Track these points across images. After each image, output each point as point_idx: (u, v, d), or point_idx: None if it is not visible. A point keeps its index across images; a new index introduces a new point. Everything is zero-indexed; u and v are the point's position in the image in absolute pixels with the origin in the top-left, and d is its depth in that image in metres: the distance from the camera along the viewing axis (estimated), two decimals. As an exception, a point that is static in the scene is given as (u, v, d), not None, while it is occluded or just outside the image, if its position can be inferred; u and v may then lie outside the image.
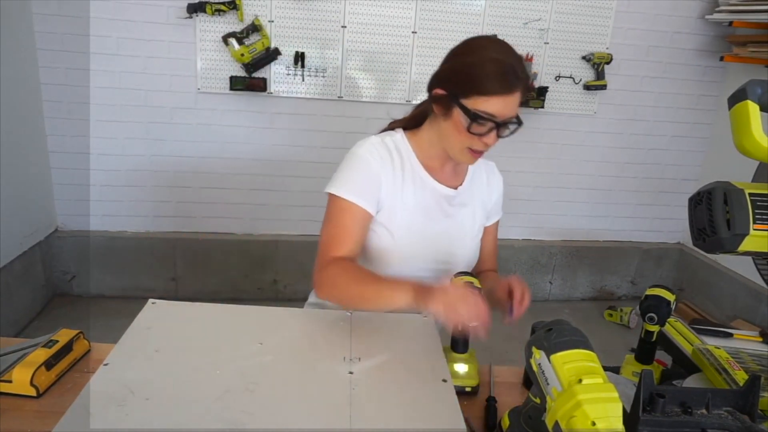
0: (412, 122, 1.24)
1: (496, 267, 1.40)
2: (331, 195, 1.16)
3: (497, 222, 1.38)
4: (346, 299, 1.09)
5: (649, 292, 1.09)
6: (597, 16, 3.00)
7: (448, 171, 1.24)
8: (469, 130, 1.08)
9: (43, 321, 2.81)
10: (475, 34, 1.19)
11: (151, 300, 1.12)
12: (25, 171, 2.71)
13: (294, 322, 1.09)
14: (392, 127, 1.27)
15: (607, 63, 3.04)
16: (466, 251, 1.27)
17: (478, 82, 1.04)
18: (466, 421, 0.91)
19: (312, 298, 1.41)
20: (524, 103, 2.92)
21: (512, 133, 1.12)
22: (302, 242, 3.07)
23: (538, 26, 2.97)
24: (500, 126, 1.08)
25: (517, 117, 1.10)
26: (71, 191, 2.95)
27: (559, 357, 0.70)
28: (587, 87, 3.09)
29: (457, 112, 1.08)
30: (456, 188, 1.24)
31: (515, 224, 3.37)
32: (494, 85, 1.04)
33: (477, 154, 1.14)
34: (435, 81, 1.13)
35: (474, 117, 1.06)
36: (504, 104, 1.05)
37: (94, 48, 2.72)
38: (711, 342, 1.14)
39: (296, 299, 3.18)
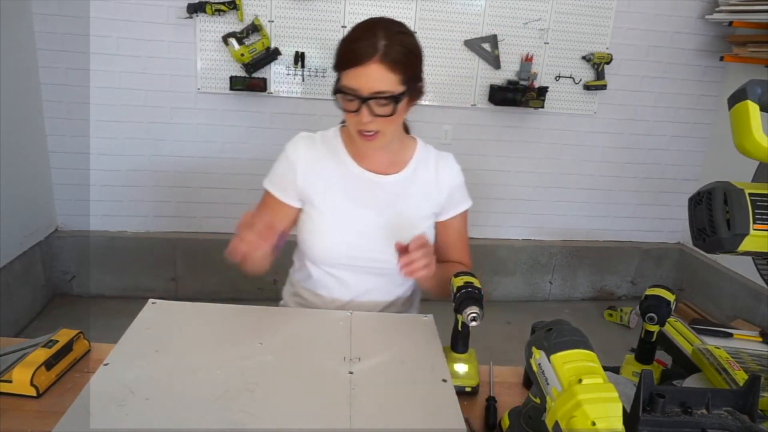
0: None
1: (464, 260, 1.33)
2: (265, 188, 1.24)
3: (463, 214, 1.31)
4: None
5: (649, 292, 1.09)
6: (597, 16, 3.00)
7: (383, 161, 1.22)
8: (340, 107, 1.10)
9: (43, 321, 2.81)
10: (476, 35, 1.19)
11: (151, 300, 1.12)
12: (25, 171, 2.71)
13: (294, 322, 1.10)
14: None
15: (607, 63, 3.04)
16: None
17: (338, 59, 1.08)
18: (466, 421, 0.91)
19: (282, 299, 1.41)
20: (524, 103, 2.94)
21: (394, 112, 1.07)
22: (302, 242, 3.07)
23: (538, 26, 2.97)
24: (366, 100, 1.05)
25: (397, 95, 1.06)
26: (71, 191, 2.95)
27: (559, 357, 0.70)
28: (587, 87, 3.09)
29: (339, 94, 1.09)
30: (388, 176, 1.22)
31: (515, 224, 3.37)
32: (347, 58, 1.06)
33: (366, 136, 1.10)
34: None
35: (337, 91, 1.08)
36: (358, 76, 1.04)
37: (94, 48, 2.72)
38: (711, 342, 1.14)
39: (296, 299, 3.18)
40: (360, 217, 1.21)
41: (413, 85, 1.11)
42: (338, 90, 1.08)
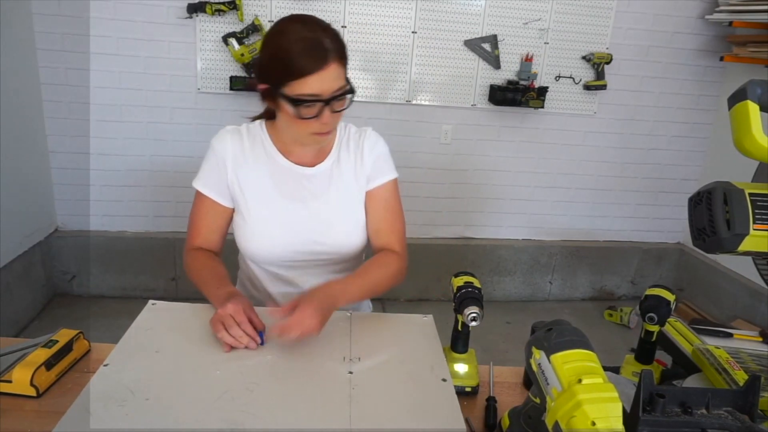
0: (268, 113, 1.23)
1: (392, 244, 1.24)
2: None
3: (389, 186, 1.23)
4: (198, 287, 1.13)
5: (649, 292, 1.09)
6: (597, 16, 3.00)
7: (309, 153, 1.20)
8: (299, 116, 1.05)
9: (43, 321, 2.81)
10: (476, 35, 1.18)
11: (151, 301, 1.12)
12: (25, 171, 2.71)
13: (294, 322, 1.09)
14: (257, 119, 1.26)
15: (607, 63, 3.04)
16: (340, 231, 1.20)
17: (289, 67, 1.01)
18: (466, 421, 0.91)
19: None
20: (524, 103, 2.94)
21: (350, 104, 1.09)
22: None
23: (538, 26, 2.97)
24: (329, 102, 1.05)
25: (350, 86, 1.07)
26: (71, 191, 2.95)
27: (559, 357, 0.70)
28: (587, 87, 3.09)
29: (284, 103, 1.05)
30: (316, 166, 1.20)
31: (515, 224, 3.37)
32: (304, 65, 1.01)
33: (323, 135, 1.10)
34: (257, 77, 1.10)
35: (297, 103, 1.03)
36: (321, 80, 1.02)
37: (94, 48, 2.72)
38: (711, 342, 1.14)
39: (296, 299, 3.18)
40: (294, 211, 1.18)
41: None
42: (297, 101, 1.03)
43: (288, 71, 1.02)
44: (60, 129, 2.84)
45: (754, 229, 0.75)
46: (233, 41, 2.69)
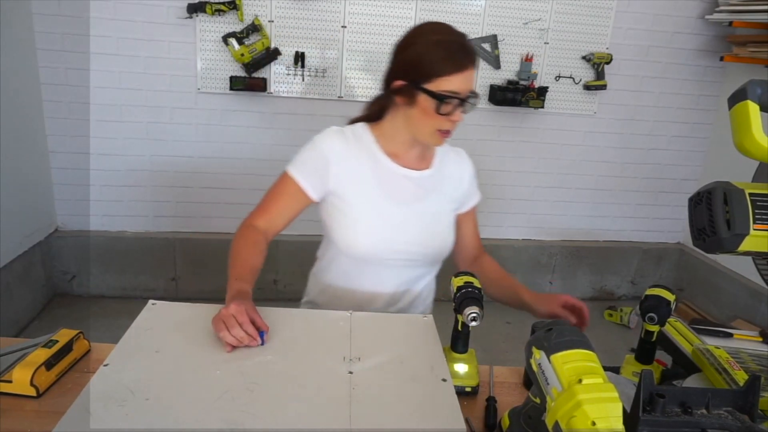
0: (372, 117, 1.28)
1: (482, 250, 1.42)
2: (284, 171, 1.24)
3: (475, 206, 1.39)
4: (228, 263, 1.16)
5: (649, 292, 1.09)
6: (597, 16, 3.00)
7: (414, 157, 1.26)
8: (438, 111, 1.13)
9: (43, 321, 2.81)
10: (476, 35, 1.22)
11: (151, 301, 1.12)
12: (25, 171, 2.71)
13: (294, 322, 1.09)
14: (355, 121, 1.30)
15: (607, 63, 3.04)
16: (436, 235, 1.28)
17: (437, 65, 1.10)
18: (466, 421, 0.91)
19: (306, 296, 1.42)
20: (524, 103, 2.94)
21: (473, 107, 1.17)
22: (302, 242, 3.07)
23: (538, 26, 2.97)
24: (463, 102, 1.14)
25: (473, 91, 1.16)
26: (71, 191, 2.95)
27: (559, 357, 0.70)
28: (587, 87, 3.09)
29: (423, 98, 1.12)
30: (421, 171, 1.27)
31: (515, 224, 3.37)
32: (452, 64, 1.10)
33: (445, 134, 1.18)
34: (392, 74, 1.17)
35: (441, 98, 1.11)
36: (464, 80, 1.12)
37: (94, 48, 2.72)
38: (711, 342, 1.14)
39: (296, 299, 3.16)
40: (396, 212, 1.23)
41: None
42: (441, 96, 1.10)
43: (437, 69, 1.10)
44: (60, 129, 2.84)
45: (754, 229, 0.75)
46: (233, 41, 2.69)
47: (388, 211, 1.23)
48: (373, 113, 1.27)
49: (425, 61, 1.11)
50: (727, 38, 3.09)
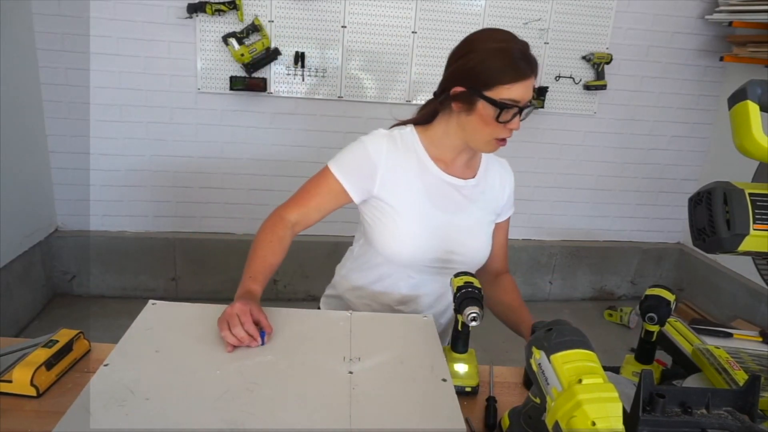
0: (423, 120, 1.26)
1: (507, 267, 1.42)
2: (325, 165, 1.22)
3: (509, 218, 1.39)
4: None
5: (649, 292, 1.09)
6: (597, 16, 3.00)
7: (460, 165, 1.25)
8: (497, 119, 1.12)
9: (43, 321, 2.81)
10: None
11: (151, 301, 1.12)
12: (25, 171, 2.71)
13: (294, 322, 1.09)
14: (403, 123, 1.29)
15: (607, 63, 3.04)
16: (476, 244, 1.27)
17: (499, 72, 1.09)
18: (466, 421, 0.91)
19: (332, 290, 1.40)
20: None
21: (528, 115, 1.17)
22: (302, 242, 3.07)
23: (538, 26, 2.97)
24: (522, 110, 1.13)
25: (531, 100, 1.16)
26: (71, 191, 2.95)
27: (559, 357, 0.70)
28: (587, 87, 3.09)
29: (482, 105, 1.11)
30: (467, 180, 1.26)
31: (515, 224, 3.32)
32: (515, 72, 1.09)
33: (502, 142, 1.18)
34: (451, 80, 1.15)
35: (502, 106, 1.10)
36: (525, 88, 1.11)
37: (94, 48, 2.72)
38: (711, 342, 1.14)
39: (296, 299, 3.18)
40: (439, 220, 1.22)
41: None
42: (501, 104, 1.10)
43: (499, 76, 1.09)
44: (60, 129, 2.84)
45: (754, 229, 0.75)
46: (233, 41, 2.69)
47: (432, 218, 1.21)
48: (424, 117, 1.25)
49: (486, 68, 1.10)
50: (727, 38, 3.09)
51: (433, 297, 1.30)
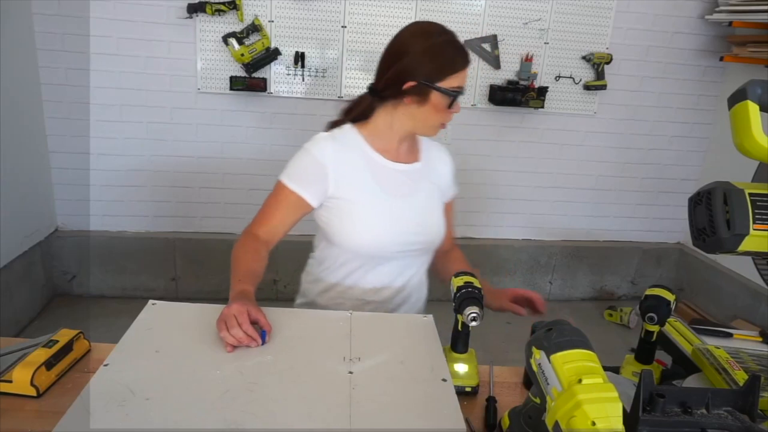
0: (360, 116, 1.31)
1: (454, 243, 1.50)
2: (278, 179, 1.27)
3: (453, 200, 1.46)
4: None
5: (649, 292, 1.09)
6: (597, 16, 3.00)
7: (404, 152, 1.32)
8: (449, 106, 1.20)
9: (43, 321, 2.81)
10: (476, 35, 1.25)
11: (151, 301, 1.12)
12: (25, 171, 2.71)
13: (294, 322, 1.10)
14: (337, 124, 1.33)
15: (607, 63, 3.04)
16: (432, 222, 1.33)
17: (447, 64, 1.17)
18: (466, 421, 0.91)
19: (302, 298, 1.43)
20: (524, 103, 2.94)
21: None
22: (302, 242, 3.07)
23: (538, 26, 2.97)
24: (461, 95, 1.22)
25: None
26: (71, 191, 2.95)
27: (559, 357, 0.70)
28: (587, 87, 3.09)
29: (435, 95, 1.18)
30: (412, 164, 1.32)
31: (515, 224, 3.37)
32: (459, 62, 1.19)
33: (443, 126, 1.26)
34: (400, 76, 1.19)
35: (454, 94, 1.19)
36: (465, 75, 1.20)
37: (94, 48, 2.72)
38: (711, 342, 1.14)
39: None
40: (395, 206, 1.27)
41: None
42: (452, 92, 1.18)
43: (448, 67, 1.17)
44: (60, 129, 2.84)
45: (754, 229, 0.75)
46: (233, 41, 2.69)
47: (388, 206, 1.27)
48: (362, 114, 1.30)
49: (437, 61, 1.16)
50: (727, 38, 3.09)
51: (403, 278, 1.33)
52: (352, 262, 1.30)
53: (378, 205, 1.26)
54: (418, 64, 1.17)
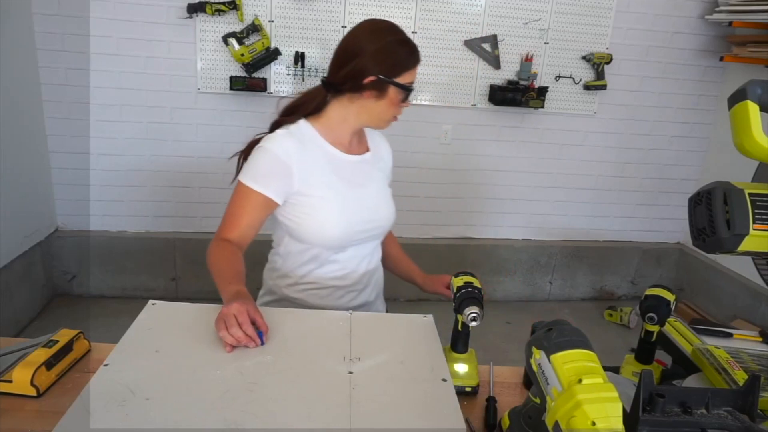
0: (314, 110, 1.35)
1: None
2: (239, 182, 1.28)
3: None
4: (212, 276, 1.20)
5: (649, 292, 1.09)
6: (597, 16, 3.00)
7: (355, 144, 1.37)
8: (404, 100, 1.27)
9: (43, 321, 2.81)
10: (476, 35, 1.26)
11: (151, 301, 1.12)
12: (25, 171, 2.71)
13: (294, 322, 1.10)
14: (291, 119, 1.36)
15: (607, 63, 3.04)
16: (386, 207, 1.39)
17: (403, 60, 1.24)
18: (466, 421, 0.91)
19: (266, 297, 1.42)
20: (524, 103, 2.94)
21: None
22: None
23: (538, 26, 2.97)
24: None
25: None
26: (71, 191, 2.95)
27: (559, 357, 0.70)
28: (587, 87, 3.09)
29: (393, 90, 1.24)
30: (363, 155, 1.37)
31: (515, 224, 3.37)
32: (413, 59, 1.25)
33: (395, 119, 1.32)
34: (360, 71, 1.23)
35: (409, 89, 1.25)
36: (416, 72, 1.27)
37: (94, 48, 2.72)
38: (711, 342, 1.14)
39: (296, 299, 3.18)
40: (354, 195, 1.31)
41: None
42: (407, 87, 1.24)
43: (403, 64, 1.23)
44: (60, 129, 2.84)
45: (754, 229, 0.75)
46: (233, 41, 2.69)
47: (348, 196, 1.30)
48: (317, 108, 1.34)
49: (397, 58, 1.23)
50: (727, 38, 3.09)
51: (366, 262, 1.37)
52: (318, 253, 1.32)
53: (340, 198, 1.29)
54: (377, 61, 1.22)
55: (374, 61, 1.22)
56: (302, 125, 1.32)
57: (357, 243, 1.34)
